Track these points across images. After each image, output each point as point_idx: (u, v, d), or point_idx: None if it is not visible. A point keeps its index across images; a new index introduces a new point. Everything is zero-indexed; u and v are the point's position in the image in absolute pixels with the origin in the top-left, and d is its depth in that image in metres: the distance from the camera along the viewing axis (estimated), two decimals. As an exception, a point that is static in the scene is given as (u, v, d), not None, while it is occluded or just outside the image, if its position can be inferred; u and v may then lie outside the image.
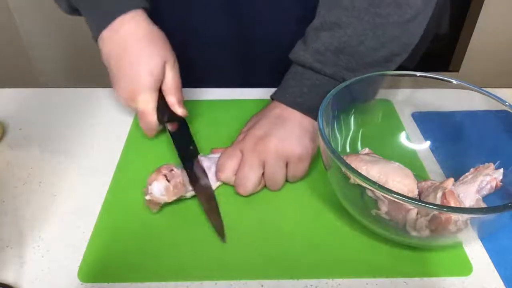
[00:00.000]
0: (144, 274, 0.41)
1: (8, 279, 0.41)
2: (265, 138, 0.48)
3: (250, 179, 0.47)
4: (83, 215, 0.47)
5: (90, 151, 0.55)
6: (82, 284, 0.40)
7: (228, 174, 0.48)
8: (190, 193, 0.48)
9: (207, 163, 0.51)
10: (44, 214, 0.47)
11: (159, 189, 0.45)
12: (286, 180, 0.50)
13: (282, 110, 0.51)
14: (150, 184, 0.46)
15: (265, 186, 0.49)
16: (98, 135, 0.58)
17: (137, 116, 0.54)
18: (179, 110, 0.55)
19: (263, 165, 0.47)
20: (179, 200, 0.47)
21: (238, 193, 0.48)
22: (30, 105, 0.63)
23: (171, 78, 0.54)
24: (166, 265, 0.42)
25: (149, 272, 0.42)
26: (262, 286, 0.41)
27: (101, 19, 0.52)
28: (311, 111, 0.50)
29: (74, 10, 0.56)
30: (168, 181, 0.46)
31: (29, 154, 0.55)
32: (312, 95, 0.50)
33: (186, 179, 0.48)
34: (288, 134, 0.48)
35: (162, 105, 0.54)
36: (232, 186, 0.49)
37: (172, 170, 0.47)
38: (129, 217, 0.46)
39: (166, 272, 0.42)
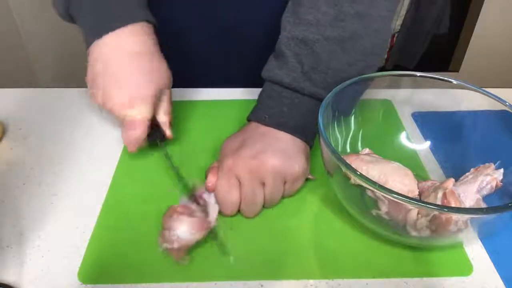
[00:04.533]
0: (144, 275, 0.41)
1: (8, 279, 0.41)
2: (260, 156, 0.45)
3: (257, 203, 0.46)
4: (83, 215, 0.47)
5: (90, 151, 0.55)
6: (82, 285, 0.40)
7: (233, 209, 0.46)
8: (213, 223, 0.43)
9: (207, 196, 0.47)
10: (44, 214, 0.47)
11: (185, 230, 0.40)
12: None
13: (266, 129, 0.48)
14: (170, 229, 0.40)
15: None
16: (98, 135, 0.58)
17: (124, 127, 0.51)
18: (168, 132, 0.54)
19: (263, 184, 0.46)
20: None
21: (246, 217, 0.47)
22: (30, 105, 0.63)
23: (168, 99, 0.54)
24: (166, 265, 0.42)
25: (149, 273, 0.42)
26: (262, 286, 0.41)
27: (105, 26, 0.51)
28: (296, 130, 0.48)
29: (69, 16, 0.54)
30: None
31: (29, 154, 0.55)
32: (293, 113, 0.48)
33: (204, 210, 0.44)
34: (283, 152, 0.46)
35: (153, 124, 0.52)
36: None
37: (184, 206, 0.43)
38: (129, 217, 0.46)
39: (166, 272, 0.42)
